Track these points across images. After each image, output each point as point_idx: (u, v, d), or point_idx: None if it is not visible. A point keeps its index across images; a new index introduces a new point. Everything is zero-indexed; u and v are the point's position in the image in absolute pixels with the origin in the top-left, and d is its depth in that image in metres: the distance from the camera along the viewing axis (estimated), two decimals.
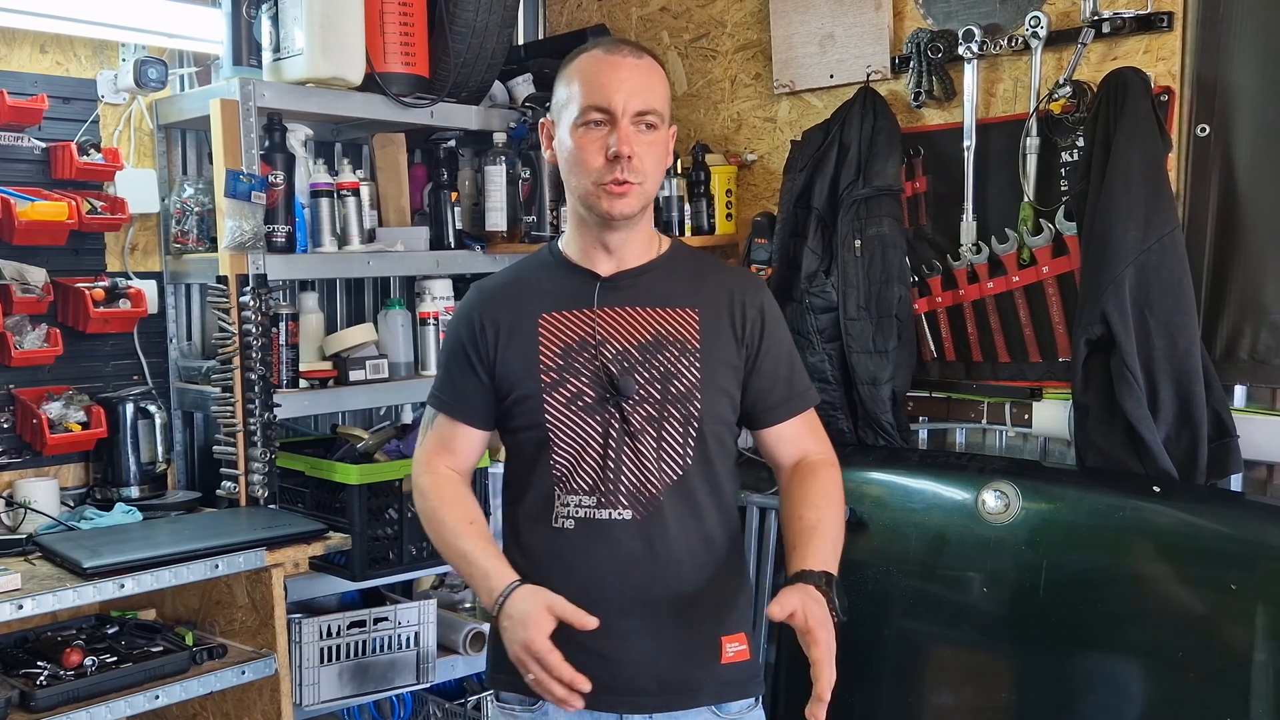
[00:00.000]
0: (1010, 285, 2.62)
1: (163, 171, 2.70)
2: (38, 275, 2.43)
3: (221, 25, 2.59)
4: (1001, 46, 2.59)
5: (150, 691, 2.13)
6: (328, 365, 2.71)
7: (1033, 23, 2.51)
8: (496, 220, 2.87)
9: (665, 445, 1.66)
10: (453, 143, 2.98)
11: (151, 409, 2.58)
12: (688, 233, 3.03)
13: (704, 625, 1.68)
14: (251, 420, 2.46)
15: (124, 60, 2.59)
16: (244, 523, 2.36)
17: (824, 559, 1.60)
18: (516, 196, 2.88)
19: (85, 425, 2.48)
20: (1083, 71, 2.48)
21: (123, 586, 2.07)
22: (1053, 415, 2.59)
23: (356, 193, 2.74)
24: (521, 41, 3.50)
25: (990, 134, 2.64)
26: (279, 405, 2.51)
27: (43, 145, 2.49)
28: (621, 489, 1.66)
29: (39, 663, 2.12)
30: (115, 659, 2.19)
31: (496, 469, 2.72)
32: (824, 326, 2.75)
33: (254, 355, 2.45)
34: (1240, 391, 2.42)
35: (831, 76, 2.92)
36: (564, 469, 1.68)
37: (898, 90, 2.81)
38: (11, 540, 2.23)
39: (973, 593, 2.42)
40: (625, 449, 1.66)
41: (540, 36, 3.60)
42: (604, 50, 1.67)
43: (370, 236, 2.81)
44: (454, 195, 2.89)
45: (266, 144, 2.53)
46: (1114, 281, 2.31)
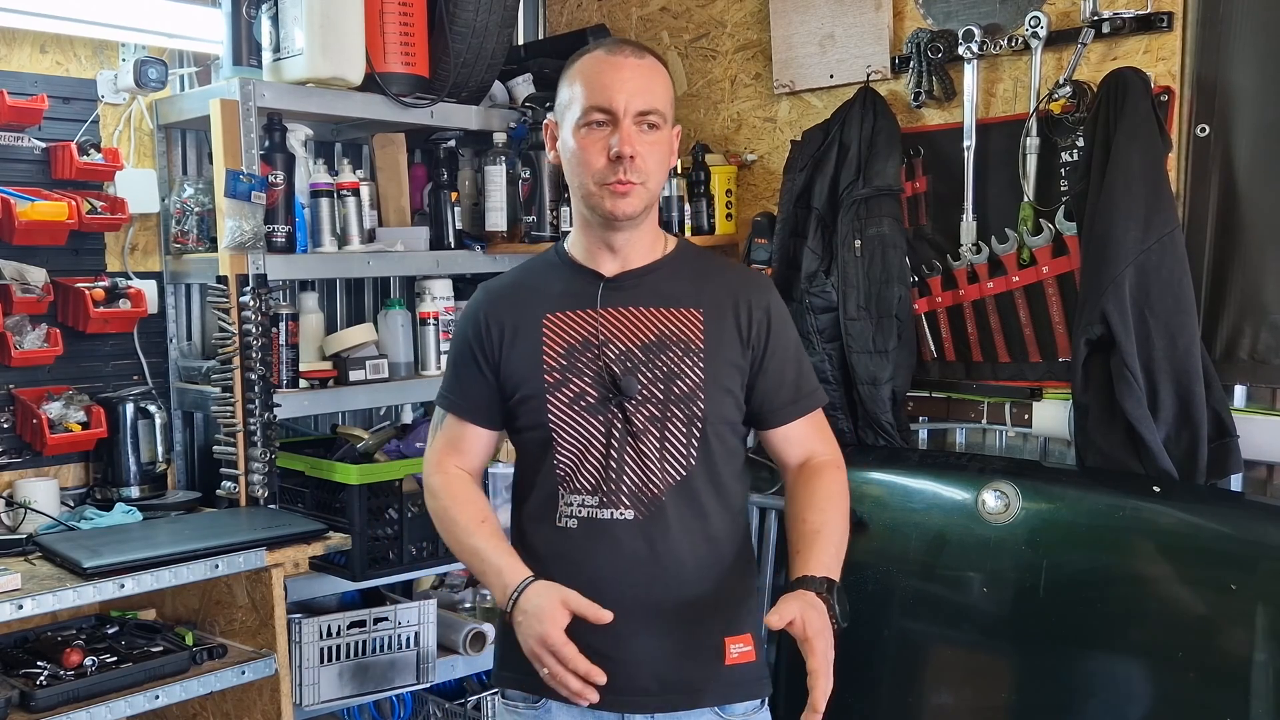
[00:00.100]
0: (1010, 285, 2.62)
1: (163, 171, 2.70)
2: (38, 275, 2.43)
3: (221, 25, 2.59)
4: (1001, 46, 2.59)
5: (150, 691, 2.13)
6: (328, 365, 2.71)
7: (1033, 23, 2.51)
8: (496, 220, 2.88)
9: (668, 445, 1.66)
10: (453, 143, 2.98)
11: (151, 409, 2.58)
12: (688, 233, 3.03)
13: (707, 626, 1.68)
14: (251, 420, 2.46)
15: (124, 60, 2.59)
16: (244, 523, 2.36)
17: (826, 564, 1.60)
18: (516, 196, 2.89)
19: (85, 425, 2.48)
20: (1083, 71, 2.48)
21: (123, 586, 2.07)
22: (1053, 415, 2.58)
23: (356, 193, 2.74)
24: (521, 41, 3.50)
25: (990, 134, 2.64)
26: (279, 405, 2.51)
27: (43, 145, 2.49)
28: (624, 489, 1.66)
29: (39, 663, 2.12)
30: (115, 659, 2.19)
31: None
32: (824, 326, 2.75)
33: (254, 355, 2.45)
34: (1240, 391, 2.42)
35: (831, 76, 2.92)
36: (567, 469, 1.68)
37: (898, 90, 2.80)
38: (11, 540, 2.24)
39: (973, 593, 2.42)
40: (628, 449, 1.66)
41: (540, 36, 3.59)
42: (606, 51, 1.67)
43: (370, 236, 2.81)
44: (454, 195, 2.89)
45: (266, 144, 2.53)
46: (1114, 281, 2.30)
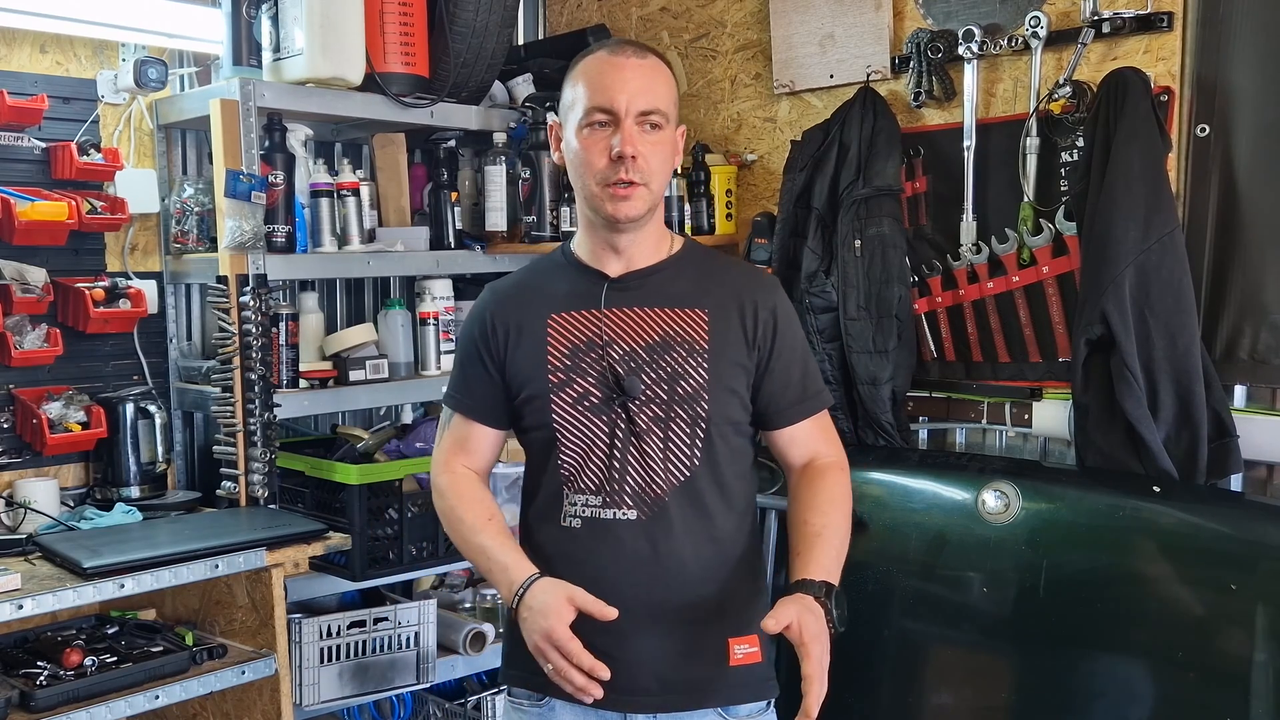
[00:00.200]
0: (1010, 285, 2.62)
1: (163, 171, 2.70)
2: (38, 275, 2.42)
3: (221, 25, 2.59)
4: (1001, 46, 2.59)
5: (150, 691, 2.13)
6: (328, 365, 2.71)
7: (1033, 23, 2.51)
8: (496, 220, 2.87)
9: (672, 446, 1.67)
10: (453, 143, 2.98)
11: (151, 409, 2.58)
12: (687, 233, 3.03)
13: (711, 627, 1.68)
14: (251, 420, 2.46)
15: (124, 60, 2.59)
16: (244, 523, 2.36)
17: (826, 568, 1.60)
18: (516, 196, 2.89)
19: (85, 425, 2.47)
20: (1083, 71, 2.48)
21: (123, 586, 2.07)
22: (1053, 415, 2.59)
23: (356, 193, 2.74)
24: (521, 41, 3.50)
25: (990, 134, 2.64)
26: (279, 405, 2.51)
27: (43, 145, 2.49)
28: (627, 489, 1.66)
29: (39, 663, 2.12)
30: (115, 659, 2.19)
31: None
32: (824, 326, 2.75)
33: (254, 355, 2.45)
34: (1240, 391, 2.42)
35: (831, 76, 2.92)
36: (571, 468, 1.68)
37: (898, 90, 2.80)
38: (11, 540, 2.23)
39: (973, 593, 2.42)
40: (631, 449, 1.66)
41: (540, 36, 3.59)
42: (608, 51, 1.67)
43: (370, 236, 2.81)
44: (454, 195, 2.89)
45: (266, 144, 2.53)
46: (1114, 281, 2.30)
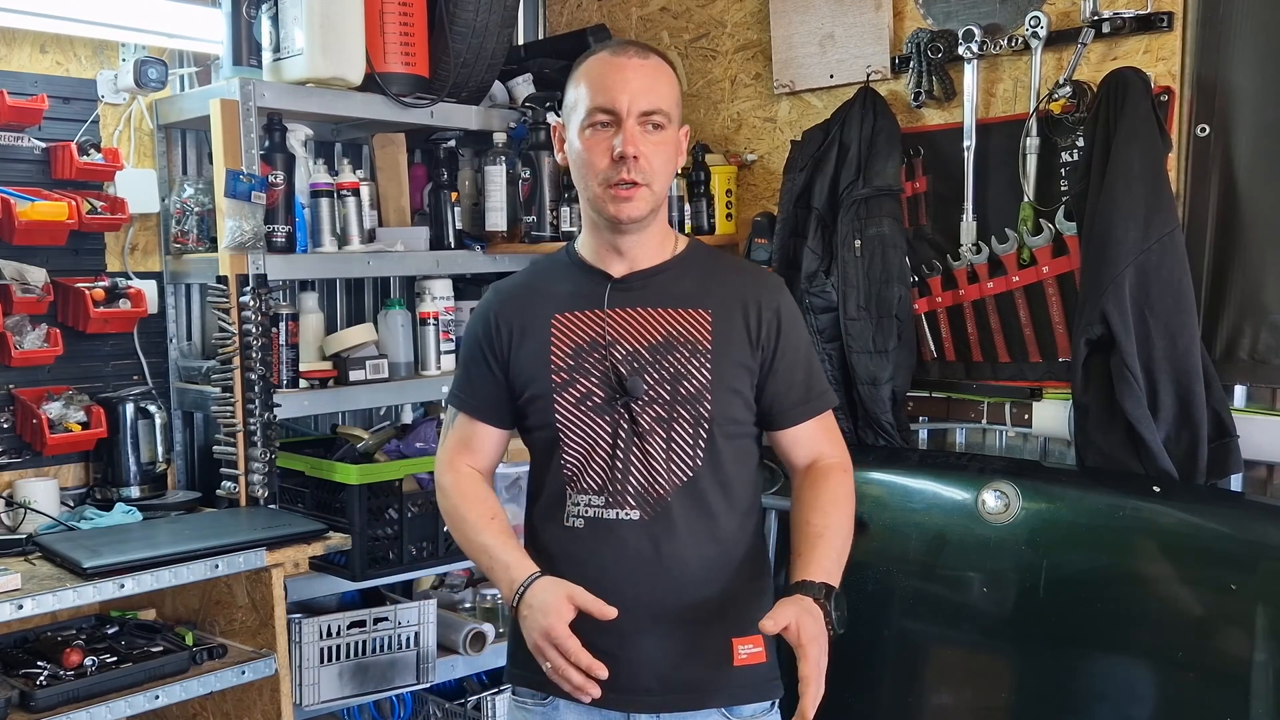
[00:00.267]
0: (1010, 285, 2.62)
1: (163, 171, 2.70)
2: (38, 275, 2.42)
3: (221, 25, 2.59)
4: (1001, 46, 2.59)
5: (150, 691, 2.13)
6: (328, 365, 2.71)
7: (1033, 23, 2.51)
8: (496, 220, 2.87)
9: (675, 446, 1.67)
10: (453, 143, 2.98)
11: (151, 409, 2.58)
12: (688, 232, 3.02)
13: (714, 627, 1.67)
14: (251, 420, 2.46)
15: (124, 60, 2.59)
16: (244, 523, 2.36)
17: (826, 569, 1.60)
18: (516, 196, 2.89)
19: (85, 425, 2.47)
20: (1083, 71, 2.48)
21: (123, 586, 2.07)
22: (1053, 415, 2.59)
23: (356, 193, 2.74)
24: (521, 41, 3.50)
25: (990, 134, 2.64)
26: (279, 405, 2.51)
27: (43, 145, 2.49)
28: (629, 489, 1.66)
29: (39, 663, 2.12)
30: (115, 659, 2.19)
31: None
32: (824, 326, 2.75)
33: (254, 355, 2.45)
34: (1240, 391, 2.42)
35: (831, 76, 2.92)
36: (574, 468, 1.69)
37: (898, 90, 2.80)
38: (11, 540, 2.23)
39: (973, 593, 2.42)
40: (634, 449, 1.66)
41: (540, 36, 3.59)
42: (610, 51, 1.67)
43: (370, 236, 2.81)
44: (454, 195, 2.89)
45: (266, 144, 2.53)
46: (1114, 281, 2.30)
